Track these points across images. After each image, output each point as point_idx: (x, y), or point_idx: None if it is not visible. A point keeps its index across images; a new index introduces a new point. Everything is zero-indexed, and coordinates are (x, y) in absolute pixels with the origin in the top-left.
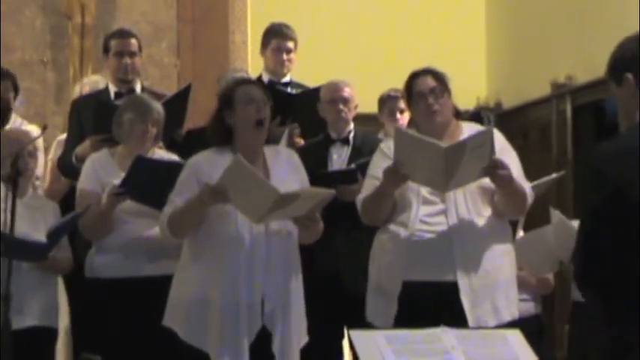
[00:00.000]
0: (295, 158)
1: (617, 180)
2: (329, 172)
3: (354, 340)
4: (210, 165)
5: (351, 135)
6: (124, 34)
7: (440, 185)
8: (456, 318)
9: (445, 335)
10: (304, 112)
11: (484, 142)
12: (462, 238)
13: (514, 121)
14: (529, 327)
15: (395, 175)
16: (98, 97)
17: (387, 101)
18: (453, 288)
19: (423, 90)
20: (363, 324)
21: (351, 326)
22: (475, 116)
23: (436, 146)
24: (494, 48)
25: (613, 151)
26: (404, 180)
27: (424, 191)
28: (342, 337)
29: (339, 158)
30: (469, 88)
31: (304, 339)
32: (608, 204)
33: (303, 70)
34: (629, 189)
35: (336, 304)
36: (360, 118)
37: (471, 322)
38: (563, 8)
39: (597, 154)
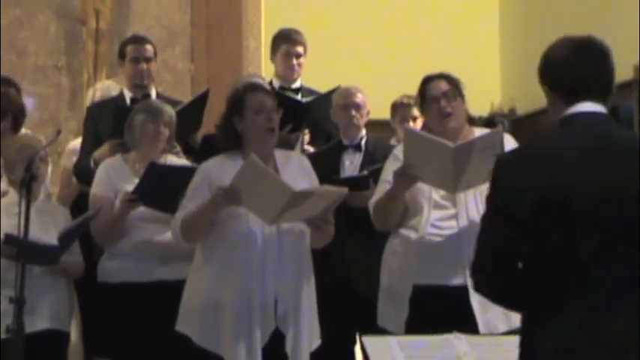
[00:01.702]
0: (306, 163)
1: (512, 188)
2: (341, 179)
3: (367, 345)
4: (221, 170)
5: (363, 141)
6: (139, 40)
7: (449, 186)
8: (467, 322)
9: (458, 341)
10: (318, 119)
11: (493, 143)
12: (472, 242)
13: (528, 127)
14: None
15: (404, 177)
16: (115, 103)
17: (399, 108)
18: (463, 292)
19: (436, 93)
20: (375, 329)
21: (363, 332)
22: (489, 122)
23: (445, 146)
24: (509, 54)
25: (512, 160)
26: (414, 182)
27: (436, 195)
28: (354, 342)
29: (351, 164)
30: (483, 94)
31: (316, 342)
32: (502, 211)
33: (316, 76)
34: (519, 198)
35: (348, 310)
36: (372, 124)
37: (481, 326)
38: (576, 15)
39: (497, 162)
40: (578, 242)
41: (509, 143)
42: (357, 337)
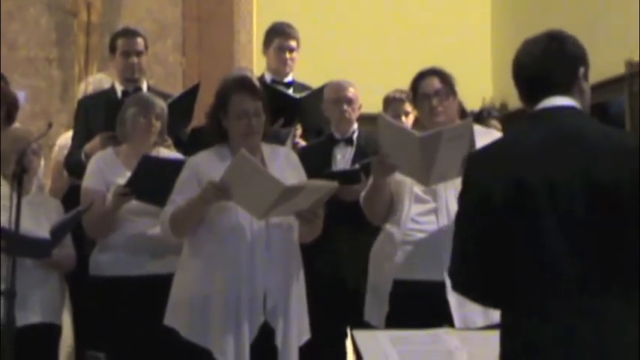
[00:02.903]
0: (293, 157)
1: (482, 185)
2: (332, 172)
3: (358, 340)
4: (209, 164)
5: (355, 135)
6: (130, 33)
7: (422, 177)
8: (445, 318)
9: (448, 336)
10: (310, 113)
11: (462, 133)
12: (451, 236)
13: (520, 121)
14: None
15: (381, 166)
16: (107, 96)
17: (391, 103)
18: (441, 287)
19: (428, 91)
20: (366, 324)
21: (354, 326)
22: (479, 116)
23: (412, 135)
24: (500, 49)
25: (481, 157)
26: (391, 171)
27: (417, 189)
28: (346, 337)
29: (342, 158)
30: (475, 89)
31: (306, 335)
32: (473, 208)
33: (308, 70)
34: (491, 195)
35: (340, 305)
36: (364, 119)
37: (457, 321)
38: (567, 11)
39: (467, 159)
40: (547, 235)
41: (491, 135)
42: (349, 331)
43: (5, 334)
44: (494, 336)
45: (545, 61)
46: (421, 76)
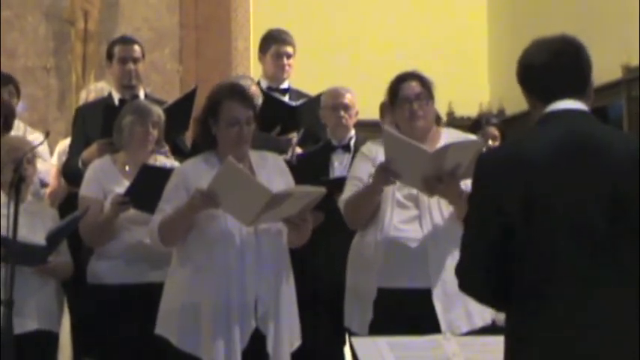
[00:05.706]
0: (281, 163)
1: (493, 189)
2: (329, 179)
3: (356, 346)
4: (197, 172)
5: (352, 141)
6: (127, 41)
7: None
8: (431, 324)
9: (447, 342)
10: (307, 121)
11: (470, 147)
12: (436, 244)
13: (517, 127)
14: None
15: (386, 174)
16: (104, 104)
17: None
18: (427, 294)
19: (409, 95)
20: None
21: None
22: (477, 123)
23: (422, 150)
24: (497, 55)
25: (492, 160)
26: (395, 177)
27: (399, 195)
28: (344, 343)
29: (340, 165)
30: (472, 95)
31: (297, 341)
32: (484, 211)
33: (305, 77)
34: (503, 199)
35: (337, 310)
36: (361, 125)
37: (443, 327)
38: (565, 16)
39: (479, 161)
40: (559, 239)
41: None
42: (347, 337)
43: (4, 342)
44: (493, 342)
45: (565, 64)
46: (401, 80)
